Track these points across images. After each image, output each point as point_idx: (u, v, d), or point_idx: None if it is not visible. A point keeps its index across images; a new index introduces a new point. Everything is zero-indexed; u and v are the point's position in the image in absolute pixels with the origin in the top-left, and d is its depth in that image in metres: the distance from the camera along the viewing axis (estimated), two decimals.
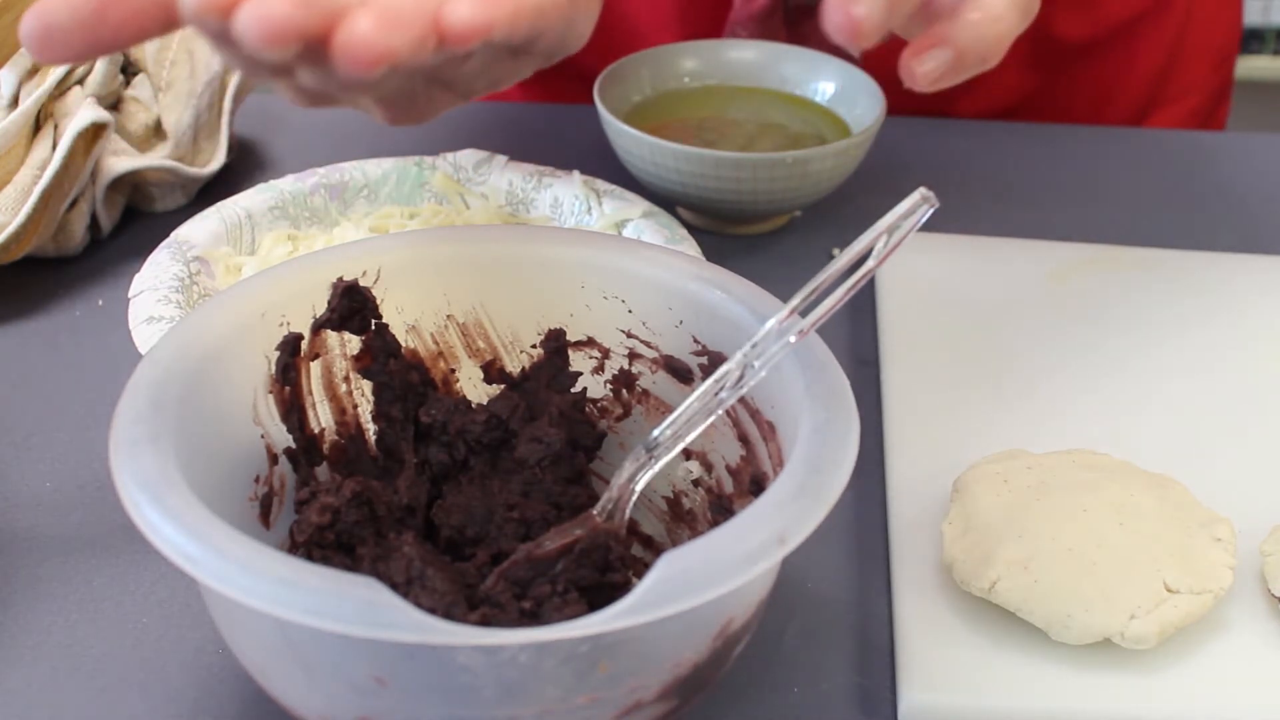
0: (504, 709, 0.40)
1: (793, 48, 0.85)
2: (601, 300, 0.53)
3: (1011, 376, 0.66)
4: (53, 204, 0.71)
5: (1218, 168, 0.88)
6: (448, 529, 0.50)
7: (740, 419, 0.49)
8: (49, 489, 0.59)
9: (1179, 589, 0.50)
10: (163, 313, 0.59)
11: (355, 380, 0.53)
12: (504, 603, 0.44)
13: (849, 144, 0.75)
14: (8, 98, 0.75)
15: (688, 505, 0.53)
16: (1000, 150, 0.89)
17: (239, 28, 0.36)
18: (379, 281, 0.51)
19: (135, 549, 0.56)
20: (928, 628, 0.52)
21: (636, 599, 0.37)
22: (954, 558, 0.53)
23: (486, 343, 0.54)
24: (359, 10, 0.37)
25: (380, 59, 0.36)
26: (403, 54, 0.36)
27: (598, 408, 0.55)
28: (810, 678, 0.51)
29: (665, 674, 0.41)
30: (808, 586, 0.55)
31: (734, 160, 0.72)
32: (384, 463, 0.53)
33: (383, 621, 0.36)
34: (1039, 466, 0.56)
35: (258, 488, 0.49)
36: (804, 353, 0.46)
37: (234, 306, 0.48)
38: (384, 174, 0.72)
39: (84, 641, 0.52)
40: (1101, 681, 0.50)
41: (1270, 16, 2.70)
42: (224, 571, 0.37)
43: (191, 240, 0.65)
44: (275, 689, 0.43)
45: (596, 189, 0.71)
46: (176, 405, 0.43)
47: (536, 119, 0.92)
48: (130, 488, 0.40)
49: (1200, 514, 0.54)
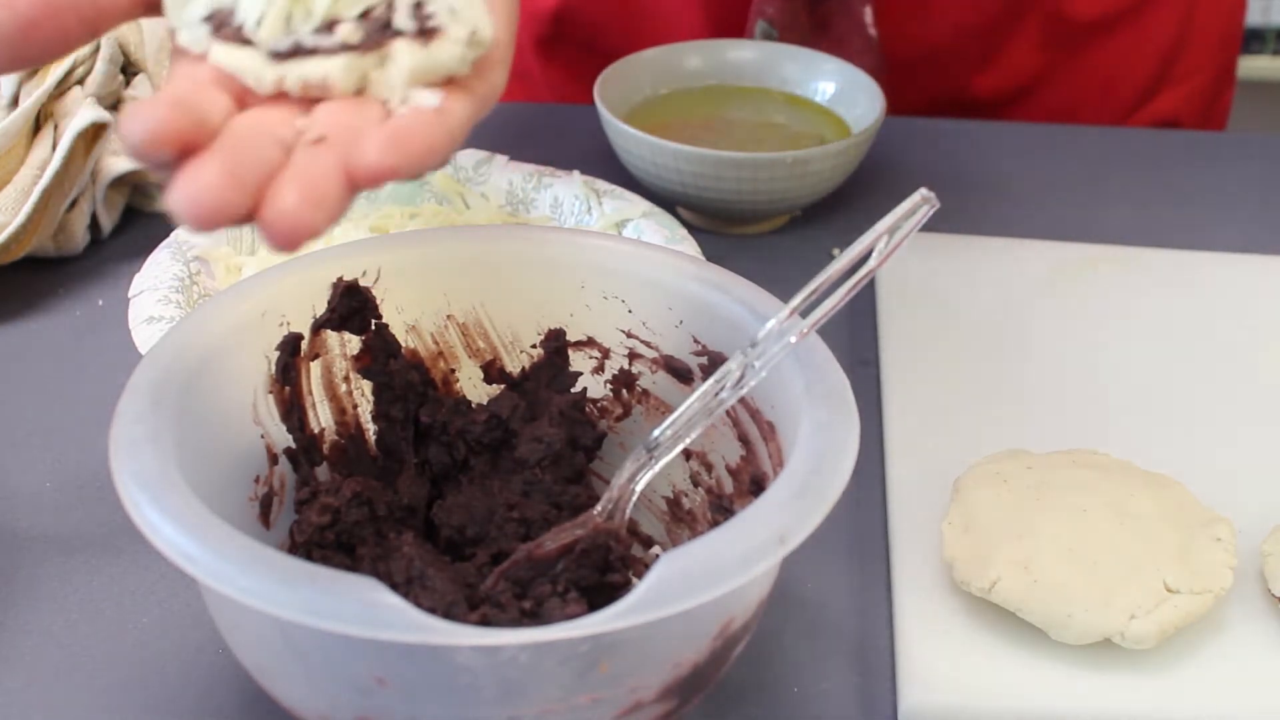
0: (504, 709, 0.40)
1: (793, 48, 0.85)
2: (601, 300, 0.53)
3: (1011, 376, 0.66)
4: (53, 204, 0.71)
5: (1218, 168, 0.88)
6: (448, 529, 0.50)
7: (740, 419, 0.49)
8: (49, 489, 0.59)
9: (1179, 589, 0.50)
10: (163, 313, 0.59)
11: (355, 380, 0.53)
12: (504, 603, 0.44)
13: (849, 144, 0.75)
14: (8, 98, 0.75)
15: (688, 505, 0.53)
16: (1000, 150, 0.89)
17: (171, 205, 0.37)
18: (379, 281, 0.51)
19: (135, 549, 0.56)
20: (928, 628, 0.52)
21: (637, 599, 0.37)
22: (954, 557, 0.53)
23: (486, 343, 0.54)
24: (281, 188, 0.37)
25: (303, 236, 0.37)
26: (322, 229, 0.37)
27: (598, 408, 0.55)
28: (810, 677, 0.51)
29: (665, 674, 0.41)
30: (808, 586, 0.55)
31: (734, 160, 0.72)
32: (384, 463, 0.53)
33: (383, 621, 0.36)
34: (1039, 466, 0.56)
35: (258, 488, 0.49)
36: (804, 353, 0.46)
37: (234, 306, 0.48)
38: None
39: (84, 641, 0.52)
40: (1101, 681, 0.50)
41: (1270, 16, 2.70)
42: (224, 571, 0.37)
43: (191, 240, 0.65)
44: (275, 689, 0.43)
45: (597, 189, 0.71)
46: (176, 405, 0.43)
47: (537, 119, 0.92)
48: (130, 487, 0.40)
49: (1200, 514, 0.54)
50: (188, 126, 0.38)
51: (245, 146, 0.38)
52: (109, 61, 0.76)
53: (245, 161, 0.37)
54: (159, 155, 0.37)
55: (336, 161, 0.38)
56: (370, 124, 0.40)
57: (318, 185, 0.37)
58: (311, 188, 0.37)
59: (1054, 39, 0.94)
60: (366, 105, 0.41)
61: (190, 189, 0.37)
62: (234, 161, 0.37)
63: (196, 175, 0.37)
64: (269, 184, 0.37)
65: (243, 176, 0.37)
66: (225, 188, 0.37)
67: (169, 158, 0.37)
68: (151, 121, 0.37)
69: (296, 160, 0.38)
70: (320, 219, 0.37)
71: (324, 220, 0.37)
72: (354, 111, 0.40)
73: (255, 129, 0.39)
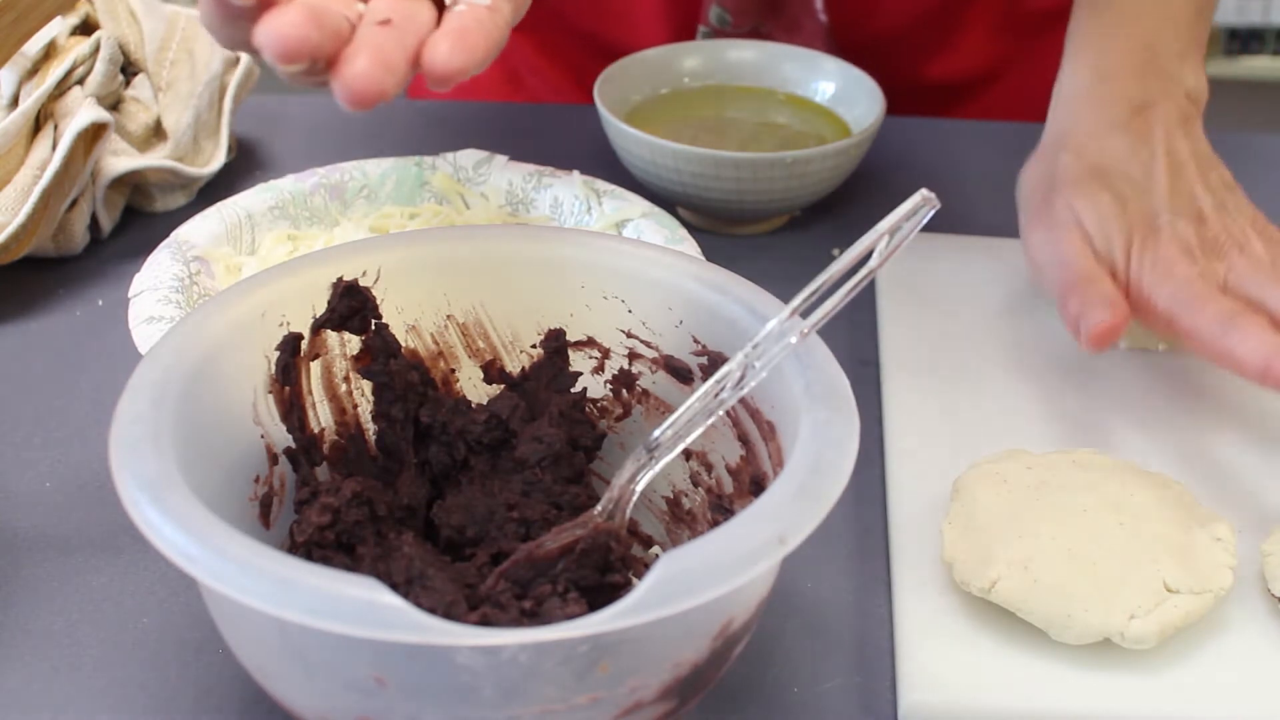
0: (504, 709, 0.40)
1: (792, 48, 0.85)
2: (601, 300, 0.53)
3: (1011, 376, 0.66)
4: (53, 204, 0.71)
5: None
6: (448, 529, 0.50)
7: (740, 419, 0.49)
8: (50, 488, 0.59)
9: (1179, 589, 0.50)
10: (163, 313, 0.59)
11: (355, 380, 0.53)
12: (504, 603, 0.44)
13: (849, 144, 0.75)
14: (8, 98, 0.75)
15: (688, 505, 0.53)
16: (1000, 150, 0.88)
17: (258, 39, 0.42)
18: (379, 281, 0.51)
19: (135, 549, 0.56)
20: (927, 628, 0.52)
21: (636, 599, 0.37)
22: (954, 557, 0.53)
23: (486, 343, 0.54)
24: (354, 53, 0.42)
25: (375, 97, 0.42)
26: (391, 93, 0.42)
27: (598, 408, 0.55)
28: (810, 677, 0.51)
29: (665, 674, 0.41)
30: (808, 586, 0.55)
31: (734, 160, 0.72)
32: (384, 463, 0.53)
33: (382, 621, 0.36)
34: (1039, 466, 0.56)
35: (258, 487, 0.49)
36: (804, 353, 0.46)
37: (234, 306, 0.48)
38: (384, 174, 0.72)
39: (84, 641, 0.52)
40: (1101, 681, 0.50)
41: (1270, 16, 2.70)
42: (224, 571, 0.37)
43: (192, 240, 0.65)
44: (275, 689, 0.43)
45: (596, 189, 0.71)
46: (176, 405, 0.43)
47: (537, 119, 0.92)
48: (130, 487, 0.40)
49: (1200, 514, 0.55)
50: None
51: (321, 5, 0.42)
52: (109, 62, 0.76)
53: (324, 12, 0.42)
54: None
55: (403, 41, 0.43)
56: (426, 18, 0.45)
57: (388, 55, 0.42)
58: (382, 56, 0.42)
59: (1013, 26, 0.94)
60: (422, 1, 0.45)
61: (276, 24, 0.42)
62: (314, 10, 0.42)
63: (282, 15, 0.42)
64: (342, 42, 0.42)
65: (322, 20, 0.42)
66: (307, 24, 0.41)
67: (253, 2, 0.42)
68: None
69: (364, 34, 0.43)
70: (390, 83, 0.42)
71: (394, 85, 0.42)
72: (411, 3, 0.45)
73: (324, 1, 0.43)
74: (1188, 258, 0.61)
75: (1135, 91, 0.66)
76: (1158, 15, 0.69)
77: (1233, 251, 0.61)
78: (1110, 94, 0.67)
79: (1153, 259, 0.61)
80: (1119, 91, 0.67)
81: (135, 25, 0.79)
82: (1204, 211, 0.63)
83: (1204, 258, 0.61)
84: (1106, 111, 0.66)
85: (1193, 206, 0.63)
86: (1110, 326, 0.59)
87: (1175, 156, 0.64)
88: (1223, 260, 0.61)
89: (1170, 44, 0.68)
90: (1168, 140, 0.65)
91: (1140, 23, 0.68)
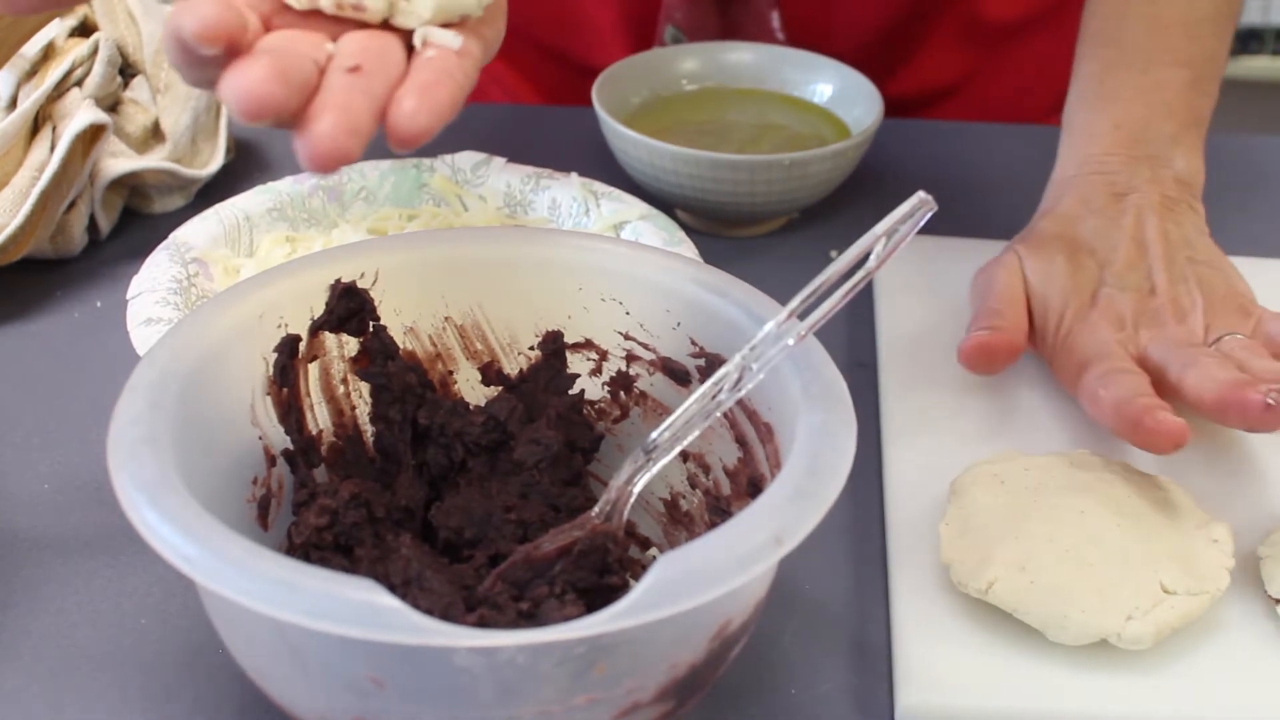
0: (502, 710, 0.40)
1: (792, 50, 0.85)
2: (599, 302, 0.53)
3: (1009, 378, 0.66)
4: (51, 205, 0.71)
5: (1218, 168, 0.88)
6: (446, 530, 0.50)
7: (738, 421, 0.50)
8: (49, 489, 0.59)
9: (1176, 590, 0.50)
10: (161, 314, 0.59)
11: (353, 382, 0.53)
12: (502, 604, 0.44)
13: (847, 146, 0.75)
14: (6, 99, 0.75)
15: (685, 507, 0.53)
16: (999, 151, 0.89)
17: (223, 94, 0.40)
18: (377, 283, 0.51)
19: (134, 550, 0.56)
20: (925, 629, 0.52)
21: (634, 600, 0.37)
22: (951, 559, 0.53)
23: (484, 345, 0.54)
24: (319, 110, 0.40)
25: (339, 162, 0.40)
26: (356, 156, 0.40)
27: (595, 410, 0.55)
28: (807, 679, 0.51)
29: (663, 675, 0.41)
30: (805, 588, 0.55)
31: (732, 162, 0.73)
32: (382, 464, 0.53)
33: (380, 623, 0.36)
34: (1036, 468, 0.56)
35: (256, 489, 0.49)
36: (801, 355, 0.46)
37: (232, 308, 0.48)
38: (382, 176, 0.72)
39: (84, 641, 0.52)
40: (1098, 682, 0.50)
41: (1270, 16, 2.70)
42: (222, 573, 0.37)
43: (190, 242, 0.65)
44: (273, 690, 0.43)
45: (594, 191, 0.71)
46: (175, 407, 0.43)
47: (535, 121, 0.92)
48: (128, 489, 0.40)
49: (1197, 515, 0.55)
50: (235, 24, 0.40)
51: (288, 54, 0.40)
52: (107, 63, 0.76)
53: (290, 65, 0.40)
54: (209, 49, 0.40)
55: (370, 90, 0.41)
56: (396, 60, 0.42)
57: (354, 116, 0.40)
58: (348, 118, 0.40)
59: (973, 39, 0.94)
60: (391, 40, 0.43)
61: (241, 81, 0.39)
62: (281, 63, 0.40)
63: (246, 70, 0.39)
64: (309, 95, 0.40)
65: (289, 75, 0.40)
66: (273, 80, 0.39)
67: (217, 52, 0.40)
68: (205, 16, 0.39)
69: (332, 84, 0.41)
70: (354, 145, 0.40)
71: (358, 148, 0.40)
72: (381, 45, 0.43)
73: (291, 42, 0.41)
74: (1112, 325, 0.61)
75: (1121, 179, 0.67)
76: (1148, 97, 0.68)
77: (1170, 322, 0.61)
78: (1092, 182, 0.67)
79: (1081, 325, 0.62)
80: (1101, 180, 0.67)
81: (134, 27, 0.79)
82: (1156, 286, 0.63)
83: (1134, 327, 0.61)
84: (1087, 196, 0.67)
85: (1145, 282, 0.63)
86: (984, 343, 0.60)
87: (1141, 237, 0.65)
88: (1157, 329, 0.61)
89: (1161, 127, 0.68)
90: (1137, 224, 0.65)
91: (1130, 107, 0.68)
